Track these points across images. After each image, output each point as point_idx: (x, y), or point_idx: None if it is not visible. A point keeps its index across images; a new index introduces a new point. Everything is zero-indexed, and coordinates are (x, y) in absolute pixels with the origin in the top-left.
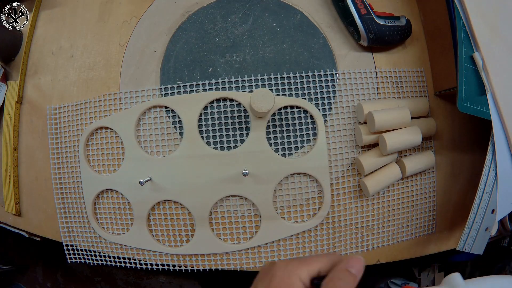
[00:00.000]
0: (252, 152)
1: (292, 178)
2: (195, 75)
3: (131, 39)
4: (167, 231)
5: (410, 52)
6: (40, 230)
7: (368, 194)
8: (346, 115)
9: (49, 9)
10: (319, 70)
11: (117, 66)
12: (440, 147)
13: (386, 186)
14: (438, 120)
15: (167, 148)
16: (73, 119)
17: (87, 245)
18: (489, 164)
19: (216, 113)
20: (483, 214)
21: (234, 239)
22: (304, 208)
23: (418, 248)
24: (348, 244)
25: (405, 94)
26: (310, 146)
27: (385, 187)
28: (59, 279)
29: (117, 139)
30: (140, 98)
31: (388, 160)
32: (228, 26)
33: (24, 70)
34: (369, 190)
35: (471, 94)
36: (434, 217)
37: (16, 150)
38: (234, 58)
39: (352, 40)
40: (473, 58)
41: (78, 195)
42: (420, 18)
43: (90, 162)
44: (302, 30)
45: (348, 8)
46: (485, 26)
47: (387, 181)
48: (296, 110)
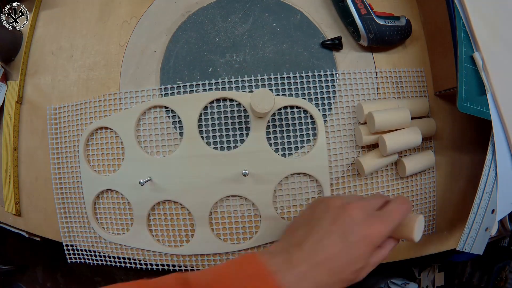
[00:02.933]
0: (252, 152)
1: (292, 178)
2: (195, 75)
3: (131, 39)
4: (167, 231)
5: (410, 52)
6: (40, 230)
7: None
8: (346, 115)
9: (49, 9)
10: (319, 70)
11: (117, 66)
12: (440, 147)
13: (382, 166)
14: (438, 120)
15: (167, 148)
16: (73, 119)
17: (87, 245)
18: (489, 164)
19: (216, 113)
20: (483, 214)
21: (234, 239)
22: (304, 208)
23: (418, 248)
24: None
25: (405, 94)
26: (310, 146)
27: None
28: (59, 279)
29: (117, 139)
30: (140, 98)
31: (388, 160)
32: (228, 26)
33: (24, 70)
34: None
35: (471, 94)
36: (434, 217)
37: (16, 150)
38: (234, 58)
39: (352, 40)
40: (473, 58)
41: (78, 195)
42: (420, 18)
43: (90, 162)
44: (302, 30)
45: (348, 8)
46: (485, 26)
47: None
48: (296, 110)
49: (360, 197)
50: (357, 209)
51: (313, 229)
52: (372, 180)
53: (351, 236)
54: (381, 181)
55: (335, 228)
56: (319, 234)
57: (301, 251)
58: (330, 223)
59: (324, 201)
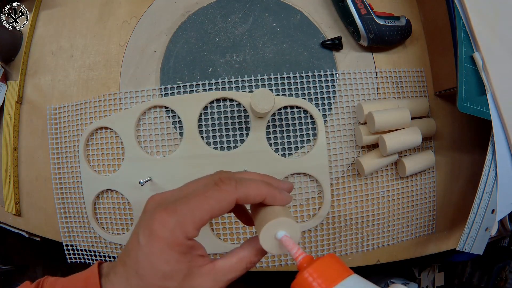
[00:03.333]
0: (252, 152)
1: (292, 178)
2: (195, 75)
3: (131, 39)
4: None
5: (410, 52)
6: (40, 230)
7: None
8: (346, 115)
9: (49, 9)
10: (319, 70)
11: (117, 66)
12: (440, 147)
13: (382, 166)
14: (438, 120)
15: (167, 148)
16: (73, 119)
17: (87, 245)
18: (489, 164)
19: (216, 113)
20: (483, 214)
21: (234, 239)
22: (304, 208)
23: (418, 248)
24: (348, 244)
25: (405, 94)
26: (310, 146)
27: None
28: None
29: (117, 139)
30: (140, 98)
31: (388, 160)
32: (228, 26)
33: (24, 70)
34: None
35: (471, 94)
36: (434, 217)
37: (16, 150)
38: (234, 58)
39: (352, 40)
40: (473, 58)
41: (78, 195)
42: (420, 18)
43: (90, 162)
44: (302, 30)
45: (348, 8)
46: (485, 26)
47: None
48: (296, 110)
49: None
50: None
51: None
52: (372, 180)
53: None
54: (381, 181)
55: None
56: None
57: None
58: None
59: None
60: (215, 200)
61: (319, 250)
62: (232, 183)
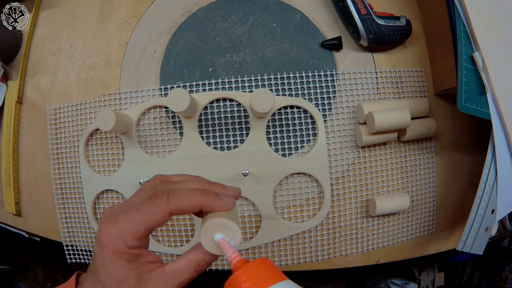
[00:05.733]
0: (252, 152)
1: (292, 178)
2: (195, 75)
3: (131, 39)
4: (167, 231)
5: (410, 52)
6: (40, 230)
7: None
8: (346, 115)
9: (49, 9)
10: (319, 70)
11: (117, 66)
12: (440, 147)
13: (393, 211)
14: (438, 120)
15: (167, 148)
16: (73, 119)
17: (87, 245)
18: (489, 164)
19: (216, 113)
20: (483, 214)
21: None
22: (304, 208)
23: (418, 248)
24: (348, 244)
25: (405, 94)
26: (310, 146)
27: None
28: (59, 279)
29: (117, 139)
30: (140, 98)
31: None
32: (228, 26)
33: (24, 70)
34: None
35: (471, 94)
36: (434, 217)
37: (16, 150)
38: (234, 58)
39: (352, 40)
40: (473, 58)
41: (78, 195)
42: (420, 18)
43: (90, 163)
44: (302, 30)
45: (348, 8)
46: (485, 26)
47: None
48: (296, 110)
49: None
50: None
51: None
52: (372, 181)
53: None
54: (381, 181)
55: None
56: None
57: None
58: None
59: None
60: (148, 214)
61: (319, 250)
62: (164, 197)
